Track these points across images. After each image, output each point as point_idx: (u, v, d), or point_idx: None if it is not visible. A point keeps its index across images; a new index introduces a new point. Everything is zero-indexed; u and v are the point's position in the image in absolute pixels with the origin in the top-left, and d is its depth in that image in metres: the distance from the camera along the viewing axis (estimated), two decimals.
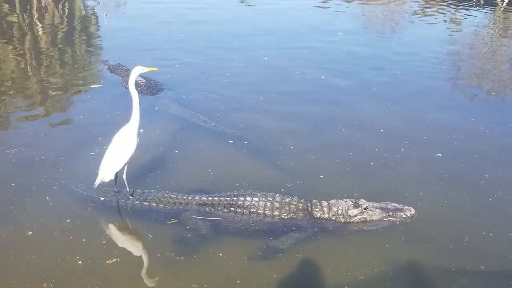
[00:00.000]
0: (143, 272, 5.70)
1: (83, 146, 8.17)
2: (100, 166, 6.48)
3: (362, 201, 6.75)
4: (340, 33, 15.96)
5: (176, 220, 6.44)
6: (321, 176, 7.70)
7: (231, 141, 8.63)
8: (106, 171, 6.42)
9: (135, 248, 6.21)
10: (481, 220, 6.80)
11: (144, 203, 6.58)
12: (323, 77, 11.84)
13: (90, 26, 16.49)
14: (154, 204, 6.56)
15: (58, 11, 17.71)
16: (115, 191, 6.73)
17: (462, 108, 10.46)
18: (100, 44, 14.48)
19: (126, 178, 6.62)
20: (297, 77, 11.85)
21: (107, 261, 5.78)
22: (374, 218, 6.67)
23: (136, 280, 5.58)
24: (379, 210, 6.71)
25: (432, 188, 7.46)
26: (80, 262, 5.76)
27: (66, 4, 18.54)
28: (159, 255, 5.99)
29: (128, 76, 11.02)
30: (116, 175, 6.61)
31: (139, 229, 6.48)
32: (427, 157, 8.32)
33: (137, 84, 10.36)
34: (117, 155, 6.41)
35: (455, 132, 9.16)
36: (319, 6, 20.10)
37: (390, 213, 6.70)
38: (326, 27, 16.82)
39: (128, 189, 6.64)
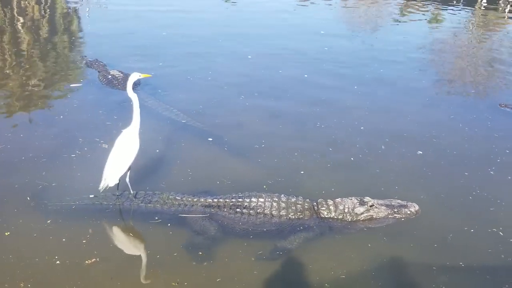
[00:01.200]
0: (142, 269, 5.72)
1: (64, 147, 8.06)
2: (103, 171, 6.39)
3: (367, 198, 6.78)
4: (322, 32, 16.07)
5: (160, 220, 6.41)
6: (302, 172, 7.74)
7: (210, 139, 8.61)
8: (111, 176, 6.35)
9: (116, 247, 6.16)
10: (463, 217, 6.85)
11: (149, 205, 6.51)
12: (306, 75, 11.90)
13: (72, 25, 16.35)
14: (158, 206, 6.51)
15: (40, 9, 17.54)
16: (117, 195, 6.62)
17: (441, 106, 10.57)
18: (82, 43, 14.36)
19: (130, 181, 6.57)
20: (279, 76, 11.89)
21: (87, 261, 5.74)
22: (380, 215, 6.72)
23: (116, 279, 5.55)
24: (384, 207, 6.76)
25: (413, 185, 7.52)
26: (58, 262, 5.71)
27: (48, 2, 18.37)
28: (138, 253, 5.99)
29: (104, 71, 11.10)
30: (119, 179, 6.52)
31: (119, 228, 6.45)
32: (408, 154, 8.40)
33: (114, 78, 10.50)
34: (121, 159, 6.36)
35: (435, 130, 9.25)
36: (302, 5, 20.19)
37: (395, 210, 6.76)
38: (309, 26, 16.92)
39: (131, 192, 6.58)
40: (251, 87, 10.97)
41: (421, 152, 8.44)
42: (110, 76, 10.83)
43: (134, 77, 6.52)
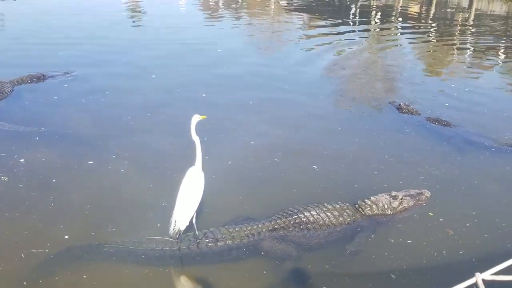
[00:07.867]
0: None
1: None
2: (173, 216, 6.09)
3: (393, 192, 7.43)
4: (219, 50, 16.42)
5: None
6: None
7: (114, 156, 8.46)
8: (183, 219, 6.08)
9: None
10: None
11: (219, 243, 6.25)
12: (204, 95, 11.94)
13: None
14: (229, 242, 6.29)
15: None
16: (178, 239, 6.21)
17: (334, 118, 11.01)
18: None
19: (195, 222, 6.29)
20: (175, 94, 11.95)
21: None
22: (410, 204, 7.39)
23: None
24: (409, 197, 7.44)
25: (309, 198, 7.45)
26: None
27: None
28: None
29: None
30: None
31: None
32: (302, 167, 8.59)
33: None
34: (190, 199, 6.13)
35: (327, 142, 9.58)
36: (207, 22, 20.56)
37: (417, 198, 7.50)
38: (211, 44, 17.18)
39: (197, 232, 6.30)
40: (144, 108, 10.87)
41: (315, 167, 8.60)
42: None
43: (195, 119, 6.36)
